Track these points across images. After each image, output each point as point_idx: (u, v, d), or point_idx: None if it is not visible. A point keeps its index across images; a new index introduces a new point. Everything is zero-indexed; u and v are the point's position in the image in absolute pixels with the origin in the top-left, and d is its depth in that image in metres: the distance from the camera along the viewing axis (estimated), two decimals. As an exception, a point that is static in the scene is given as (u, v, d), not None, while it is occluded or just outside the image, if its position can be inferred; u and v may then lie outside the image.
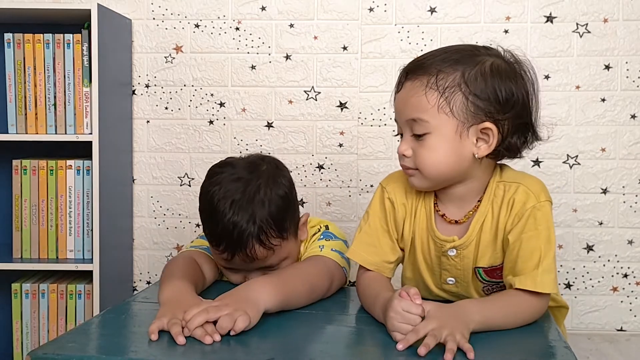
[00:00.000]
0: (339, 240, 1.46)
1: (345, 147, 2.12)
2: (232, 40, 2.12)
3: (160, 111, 2.15)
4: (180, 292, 1.20)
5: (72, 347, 1.02)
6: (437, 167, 1.20)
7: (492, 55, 1.23)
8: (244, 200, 1.33)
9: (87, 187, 1.92)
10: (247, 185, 1.35)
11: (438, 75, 1.17)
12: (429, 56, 1.21)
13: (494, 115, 1.18)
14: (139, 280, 2.19)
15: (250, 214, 1.32)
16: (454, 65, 1.18)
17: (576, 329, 2.11)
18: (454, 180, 1.23)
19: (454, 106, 1.16)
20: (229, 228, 1.32)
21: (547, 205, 1.21)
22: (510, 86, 1.19)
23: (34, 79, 1.91)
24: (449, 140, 1.18)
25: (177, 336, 1.04)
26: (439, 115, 1.17)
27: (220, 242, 1.34)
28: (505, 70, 1.21)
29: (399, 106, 1.23)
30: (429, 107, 1.17)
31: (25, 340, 1.94)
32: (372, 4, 2.08)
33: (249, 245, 1.32)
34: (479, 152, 1.19)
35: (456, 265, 1.27)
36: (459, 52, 1.21)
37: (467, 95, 1.17)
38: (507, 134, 1.20)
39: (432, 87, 1.17)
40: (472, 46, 1.26)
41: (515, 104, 1.19)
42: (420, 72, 1.19)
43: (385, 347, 1.06)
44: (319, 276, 1.32)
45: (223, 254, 1.35)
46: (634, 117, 2.07)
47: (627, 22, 2.05)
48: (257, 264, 1.36)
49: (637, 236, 2.09)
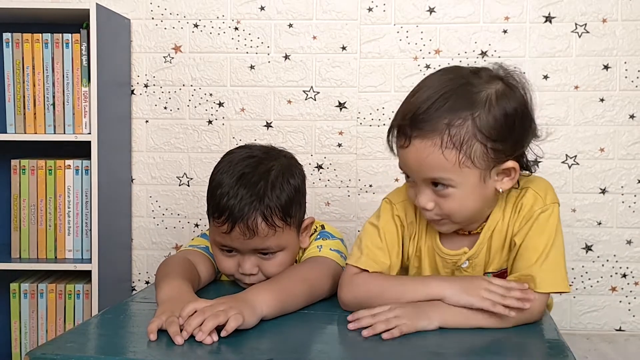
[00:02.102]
0: (337, 239, 1.46)
1: (344, 147, 2.12)
2: (231, 40, 2.12)
3: (159, 111, 2.15)
4: (178, 291, 1.20)
5: (70, 347, 1.02)
6: (466, 214, 1.19)
7: (489, 80, 1.17)
8: (255, 175, 1.33)
9: (85, 187, 1.92)
10: (259, 163, 1.35)
11: (450, 130, 1.11)
12: (429, 106, 1.13)
13: (514, 152, 1.16)
14: (138, 280, 2.19)
15: (259, 189, 1.31)
16: (461, 112, 1.12)
17: (575, 329, 2.11)
18: (482, 214, 1.23)
19: (475, 158, 1.13)
20: (234, 196, 1.30)
21: (553, 208, 1.22)
22: (518, 105, 1.16)
23: (32, 79, 1.91)
24: (474, 189, 1.16)
25: (175, 336, 1.04)
26: (462, 171, 1.13)
27: (223, 212, 1.31)
28: (508, 92, 1.16)
29: (412, 164, 1.17)
30: (449, 165, 1.13)
31: (23, 340, 1.94)
32: (371, 4, 2.08)
33: (252, 216, 1.29)
34: (502, 186, 1.19)
35: (470, 275, 1.27)
36: (458, 94, 1.14)
37: (485, 142, 1.13)
38: (525, 156, 1.20)
39: (447, 147, 1.11)
40: (465, 77, 1.17)
41: (526, 125, 1.17)
42: (427, 128, 1.12)
43: (386, 347, 1.06)
44: (319, 279, 1.31)
45: (222, 227, 1.31)
46: (632, 117, 2.07)
47: (626, 23, 2.05)
48: (254, 242, 1.32)
49: (635, 236, 2.09)
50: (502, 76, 1.19)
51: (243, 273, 1.36)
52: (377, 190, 2.10)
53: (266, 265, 1.35)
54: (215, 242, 1.38)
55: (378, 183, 2.10)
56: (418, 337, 1.10)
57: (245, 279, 1.37)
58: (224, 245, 1.35)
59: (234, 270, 1.37)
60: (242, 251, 1.35)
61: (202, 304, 1.10)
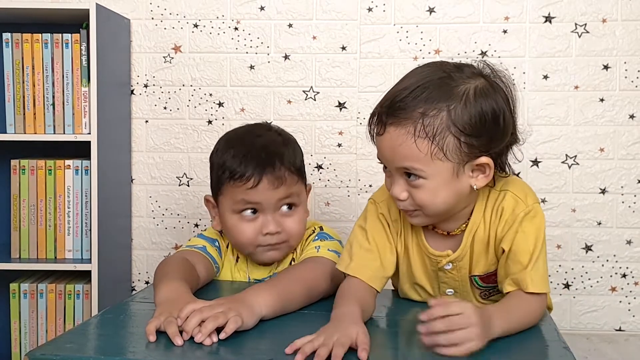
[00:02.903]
0: (335, 240, 1.47)
1: (344, 147, 2.12)
2: (231, 40, 2.12)
3: (159, 111, 2.15)
4: (176, 292, 1.20)
5: (70, 348, 1.02)
6: (438, 207, 1.18)
7: (470, 77, 1.16)
8: (265, 136, 1.46)
9: (85, 187, 1.92)
10: (267, 130, 1.50)
11: (424, 120, 1.11)
12: (406, 95, 1.13)
13: (488, 148, 1.15)
14: (138, 280, 2.19)
15: (276, 143, 1.43)
16: (437, 104, 1.11)
17: (575, 329, 2.11)
18: (456, 210, 1.22)
19: (447, 150, 1.12)
20: (262, 145, 1.41)
21: (535, 208, 1.21)
22: (498, 105, 1.14)
23: (32, 79, 1.91)
24: (447, 182, 1.15)
25: (174, 337, 1.04)
26: (433, 162, 1.12)
27: (247, 167, 1.38)
28: (488, 90, 1.15)
29: (386, 153, 1.17)
30: (422, 155, 1.12)
31: (23, 340, 1.94)
32: (370, 4, 2.08)
33: (277, 163, 1.39)
34: (477, 183, 1.17)
35: (454, 277, 1.27)
36: (436, 86, 1.13)
37: (459, 136, 1.12)
38: (501, 156, 1.19)
39: (420, 136, 1.11)
40: (446, 71, 1.16)
41: (505, 128, 1.16)
42: (402, 116, 1.12)
43: (385, 347, 1.06)
44: (317, 278, 1.31)
45: (248, 182, 1.37)
46: (632, 117, 2.07)
47: (625, 23, 2.05)
48: (281, 191, 1.39)
49: (635, 236, 2.09)
50: (486, 74, 1.18)
51: (268, 233, 1.41)
52: (376, 190, 2.10)
53: (288, 222, 1.42)
54: (234, 208, 1.41)
55: (378, 183, 2.10)
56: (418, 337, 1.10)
57: (270, 239, 1.42)
58: (250, 202, 1.39)
59: (255, 236, 1.41)
60: (266, 207, 1.40)
61: (201, 305, 1.09)
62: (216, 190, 1.46)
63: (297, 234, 1.45)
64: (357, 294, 1.20)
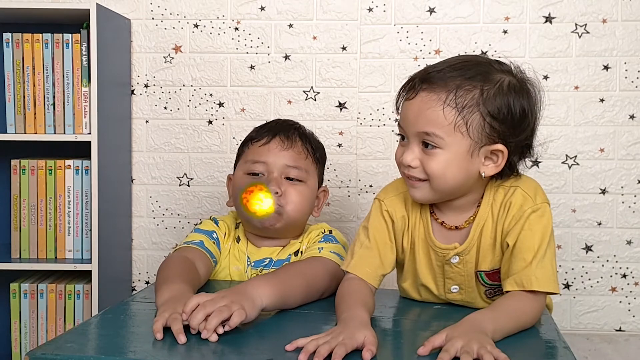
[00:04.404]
0: (339, 244, 1.49)
1: (345, 147, 2.12)
2: (231, 40, 2.12)
3: (159, 111, 2.15)
4: (179, 292, 1.20)
5: (70, 348, 1.02)
6: (446, 181, 1.19)
7: (506, 72, 1.22)
8: (300, 125, 1.59)
9: (85, 187, 1.92)
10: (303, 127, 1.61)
11: (457, 91, 1.15)
12: (446, 67, 1.19)
13: (507, 138, 1.18)
14: (138, 280, 2.19)
15: (297, 124, 1.58)
16: (473, 81, 1.17)
17: (575, 329, 2.11)
18: (458, 194, 1.23)
19: (471, 126, 1.15)
20: (283, 121, 1.59)
21: (544, 207, 1.22)
22: (525, 106, 1.19)
23: (32, 79, 1.91)
24: (461, 158, 1.17)
25: (179, 334, 1.04)
26: (454, 134, 1.16)
27: (264, 128, 1.54)
28: (520, 90, 1.20)
29: (411, 115, 1.19)
30: (446, 123, 1.15)
31: (23, 340, 1.94)
32: (371, 4, 2.08)
33: (291, 131, 1.52)
34: (486, 171, 1.20)
35: (460, 271, 1.27)
36: (476, 67, 1.19)
37: (485, 115, 1.16)
38: (515, 153, 1.21)
39: (450, 104, 1.15)
40: (486, 60, 1.23)
41: (527, 126, 1.20)
42: (438, 84, 1.17)
43: (385, 347, 1.06)
44: (317, 274, 1.32)
45: (261, 140, 1.49)
46: (632, 118, 2.07)
47: (625, 23, 2.05)
48: (288, 156, 1.48)
49: (635, 236, 2.09)
50: (519, 78, 1.23)
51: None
52: (377, 190, 2.09)
53: (290, 190, 1.47)
54: (245, 169, 1.51)
55: (378, 183, 2.10)
56: (420, 337, 1.10)
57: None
58: (258, 160, 1.49)
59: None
60: (273, 169, 1.47)
61: (204, 298, 1.10)
62: (236, 163, 1.57)
63: (296, 203, 1.48)
64: (360, 295, 1.21)
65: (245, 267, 1.50)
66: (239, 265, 1.50)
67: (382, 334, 1.11)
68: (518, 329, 1.13)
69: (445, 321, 1.14)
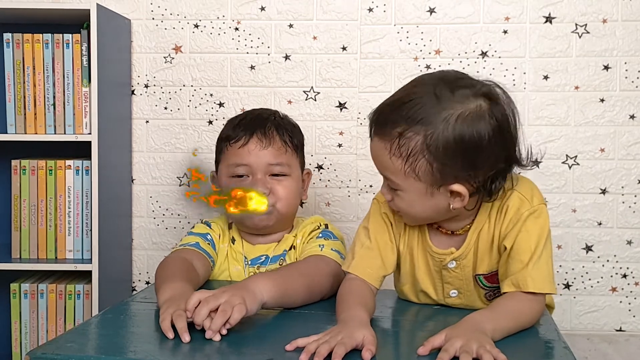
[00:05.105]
0: (338, 240, 1.48)
1: (345, 147, 2.12)
2: (232, 40, 2.12)
3: (160, 111, 2.15)
4: (180, 290, 1.20)
5: (71, 347, 1.02)
6: (418, 215, 1.22)
7: (461, 100, 1.12)
8: (275, 112, 1.57)
9: (86, 187, 1.92)
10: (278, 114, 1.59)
11: (400, 140, 1.13)
12: (392, 109, 1.15)
13: (463, 176, 1.14)
14: (138, 280, 2.19)
15: (271, 112, 1.56)
16: (416, 127, 1.12)
17: (575, 329, 2.11)
18: (441, 219, 1.24)
19: (419, 172, 1.14)
20: (253, 113, 1.55)
21: (541, 209, 1.21)
22: (484, 133, 1.12)
23: (33, 79, 1.91)
24: (422, 198, 1.17)
25: (183, 333, 1.05)
26: (407, 179, 1.15)
27: (239, 126, 1.50)
28: (473, 117, 1.12)
29: (372, 156, 1.22)
30: (397, 171, 1.16)
31: (24, 340, 1.94)
32: (371, 4, 2.08)
33: (268, 124, 1.49)
34: (453, 204, 1.18)
35: (458, 276, 1.27)
36: (422, 104, 1.12)
37: (432, 162, 1.12)
38: (485, 184, 1.16)
39: (395, 154, 1.14)
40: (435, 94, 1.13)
41: (489, 155, 1.13)
42: (384, 131, 1.15)
43: (385, 348, 1.06)
44: (318, 274, 1.32)
45: (239, 142, 1.46)
46: (632, 118, 2.07)
47: (626, 23, 2.05)
48: (269, 155, 1.46)
49: (636, 236, 2.09)
50: (489, 100, 1.14)
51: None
52: (377, 190, 2.08)
53: (277, 186, 1.47)
54: (228, 172, 1.49)
55: (378, 183, 2.09)
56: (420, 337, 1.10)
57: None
58: (240, 164, 1.47)
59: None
60: (256, 170, 1.46)
61: (206, 294, 1.10)
62: (217, 162, 1.55)
63: (285, 199, 1.49)
64: (360, 295, 1.21)
65: (243, 266, 1.50)
66: (238, 266, 1.51)
67: (382, 334, 1.11)
68: (517, 329, 1.13)
69: (445, 321, 1.14)
